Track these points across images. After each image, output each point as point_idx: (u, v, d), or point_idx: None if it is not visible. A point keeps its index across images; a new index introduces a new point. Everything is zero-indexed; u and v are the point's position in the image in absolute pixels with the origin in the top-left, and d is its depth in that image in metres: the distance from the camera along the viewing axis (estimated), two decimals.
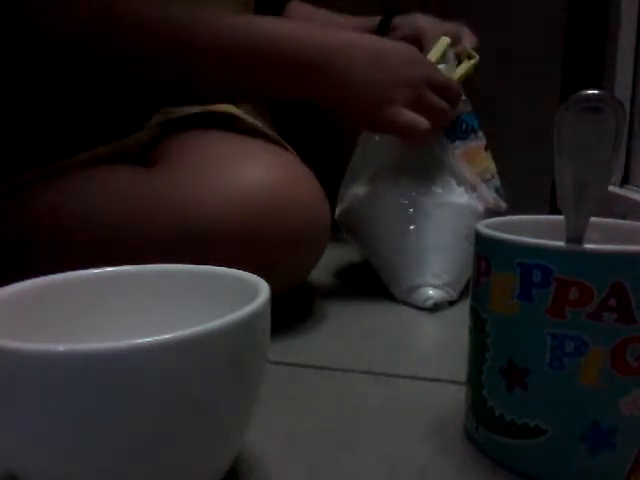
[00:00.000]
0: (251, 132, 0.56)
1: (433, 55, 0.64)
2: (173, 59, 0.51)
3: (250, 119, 0.59)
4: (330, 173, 0.68)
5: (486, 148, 0.67)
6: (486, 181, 0.66)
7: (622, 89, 0.90)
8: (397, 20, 0.74)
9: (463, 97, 0.66)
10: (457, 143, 0.65)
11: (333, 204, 0.67)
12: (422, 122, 0.57)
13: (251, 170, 0.48)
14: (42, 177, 0.51)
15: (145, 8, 0.49)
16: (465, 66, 0.66)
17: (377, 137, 0.67)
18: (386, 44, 0.57)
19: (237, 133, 0.55)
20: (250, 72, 0.53)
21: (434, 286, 0.59)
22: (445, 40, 0.65)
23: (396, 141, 0.63)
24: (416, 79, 0.57)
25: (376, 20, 0.76)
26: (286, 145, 0.58)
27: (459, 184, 0.63)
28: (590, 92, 0.27)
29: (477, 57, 0.67)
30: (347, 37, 0.55)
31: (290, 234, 0.48)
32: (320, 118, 0.96)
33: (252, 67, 0.52)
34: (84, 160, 0.53)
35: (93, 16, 0.49)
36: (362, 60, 0.55)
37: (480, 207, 0.62)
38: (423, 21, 0.72)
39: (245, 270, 0.32)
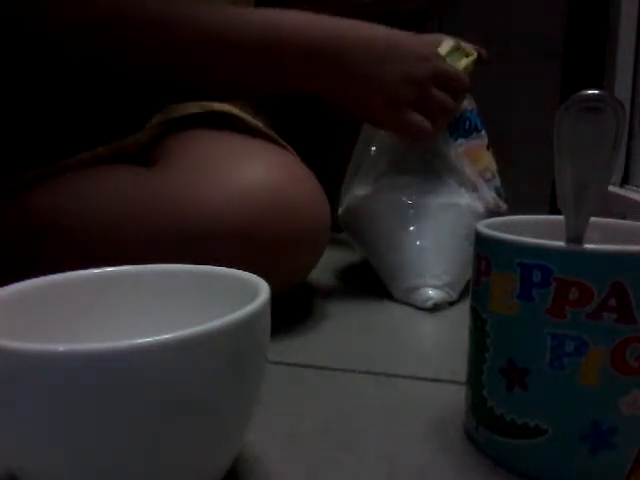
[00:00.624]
0: (251, 132, 0.56)
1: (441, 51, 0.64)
2: (176, 54, 0.51)
3: (249, 119, 0.59)
4: (330, 173, 0.68)
5: (488, 147, 0.67)
6: (486, 181, 0.66)
7: (622, 89, 0.90)
8: None
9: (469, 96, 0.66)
10: (460, 141, 0.65)
11: (333, 204, 0.67)
12: (426, 125, 0.58)
13: (251, 170, 0.48)
14: (42, 177, 0.51)
15: (149, 3, 0.49)
16: (464, 62, 0.66)
17: (378, 138, 0.66)
18: (396, 38, 0.57)
19: (237, 132, 0.55)
20: (255, 66, 0.53)
21: (434, 286, 0.59)
22: (450, 42, 0.65)
23: (397, 141, 0.64)
24: (423, 77, 0.57)
25: None
26: (286, 145, 0.58)
27: (460, 184, 0.63)
28: (590, 92, 0.27)
29: (475, 54, 0.67)
30: (359, 32, 0.56)
31: (290, 234, 0.48)
32: (320, 118, 0.96)
33: (256, 61, 0.53)
34: (84, 160, 0.53)
35: (95, 13, 0.49)
36: (372, 57, 0.55)
37: (480, 207, 0.62)
38: None
39: (245, 270, 0.32)
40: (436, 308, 0.58)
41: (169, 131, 0.58)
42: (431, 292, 0.59)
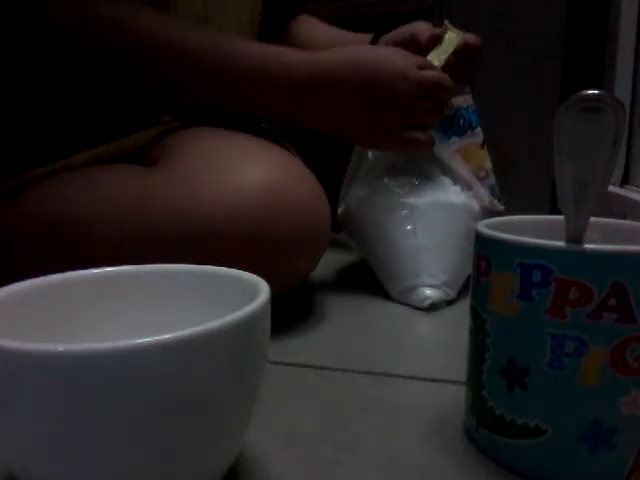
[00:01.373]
0: (251, 130, 0.56)
1: (440, 52, 0.63)
2: (166, 68, 0.54)
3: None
4: (331, 174, 0.68)
5: (483, 145, 0.67)
6: (481, 179, 0.65)
7: (622, 89, 0.90)
8: (386, 36, 0.74)
9: (468, 91, 0.66)
10: (453, 139, 0.64)
11: (334, 205, 0.67)
12: (418, 137, 0.59)
13: (251, 170, 0.48)
14: (42, 177, 0.51)
15: (152, 20, 0.52)
16: (453, 43, 0.65)
17: None
18: (375, 58, 0.58)
19: (237, 131, 0.56)
20: (234, 91, 0.55)
21: (431, 286, 0.59)
22: (453, 35, 0.64)
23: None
24: (404, 95, 0.57)
25: (369, 38, 0.76)
26: (286, 144, 0.58)
27: (454, 182, 0.63)
28: (590, 92, 0.27)
29: (461, 33, 0.65)
30: (336, 60, 0.56)
31: (290, 234, 0.47)
32: None
33: (236, 87, 0.55)
34: (85, 160, 0.53)
35: (95, 15, 0.50)
36: (352, 84, 0.56)
37: (476, 206, 0.62)
38: (415, 25, 0.72)
39: (245, 270, 0.32)
40: (433, 307, 0.58)
41: (169, 131, 0.58)
42: (428, 291, 0.59)
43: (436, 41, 0.65)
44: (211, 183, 0.47)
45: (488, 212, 0.62)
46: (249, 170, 0.48)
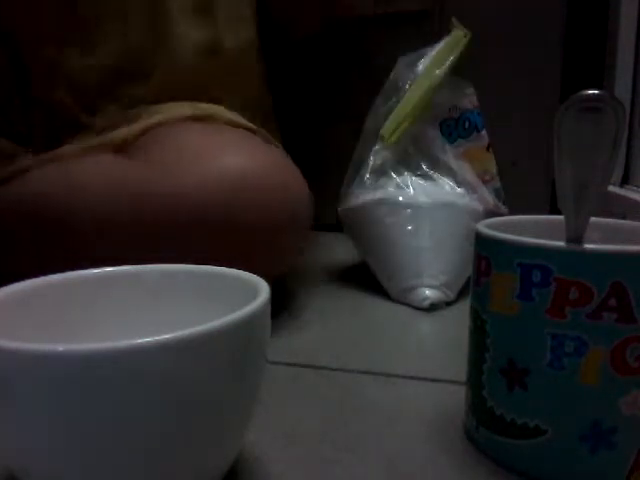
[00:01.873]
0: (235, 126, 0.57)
1: (444, 54, 0.62)
2: None
3: (235, 117, 0.60)
4: (330, 173, 0.68)
5: (488, 148, 0.67)
6: (485, 182, 0.65)
7: (622, 89, 0.90)
8: None
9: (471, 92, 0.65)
10: (459, 141, 0.64)
11: (331, 203, 0.67)
12: None
13: (231, 157, 0.49)
14: (29, 168, 0.52)
15: None
16: (459, 44, 0.62)
17: (378, 138, 0.66)
18: None
19: (219, 125, 0.56)
20: None
21: (431, 286, 0.59)
22: (460, 34, 0.62)
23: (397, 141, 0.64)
24: None
25: None
26: (269, 138, 0.58)
27: (459, 185, 0.63)
28: (590, 92, 0.27)
29: (468, 33, 0.62)
30: None
31: (270, 220, 0.48)
32: (321, 118, 0.96)
33: None
34: (72, 151, 0.54)
35: None
36: None
37: (479, 208, 0.62)
38: None
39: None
40: (433, 308, 0.58)
41: (154, 124, 0.58)
42: (428, 292, 0.59)
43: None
44: (192, 171, 0.48)
45: (492, 215, 0.62)
46: (229, 157, 0.49)
